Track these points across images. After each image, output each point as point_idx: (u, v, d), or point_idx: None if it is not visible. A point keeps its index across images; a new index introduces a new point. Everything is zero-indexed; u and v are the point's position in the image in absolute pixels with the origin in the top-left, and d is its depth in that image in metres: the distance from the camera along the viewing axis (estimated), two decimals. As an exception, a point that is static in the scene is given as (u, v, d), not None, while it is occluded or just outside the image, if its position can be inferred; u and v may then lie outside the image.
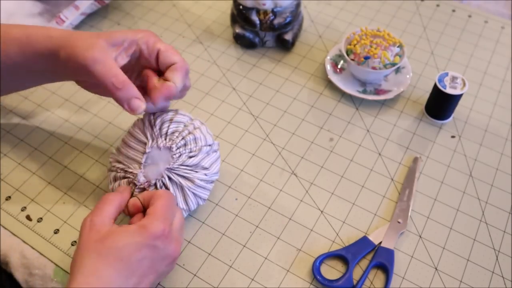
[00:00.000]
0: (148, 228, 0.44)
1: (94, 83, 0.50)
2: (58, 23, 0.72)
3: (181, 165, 0.51)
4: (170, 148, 0.51)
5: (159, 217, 0.45)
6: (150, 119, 0.53)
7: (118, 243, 0.43)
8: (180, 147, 0.51)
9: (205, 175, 0.52)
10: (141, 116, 0.54)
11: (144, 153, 0.51)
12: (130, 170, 0.51)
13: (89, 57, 0.46)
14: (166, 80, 0.50)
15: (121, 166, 0.52)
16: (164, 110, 0.53)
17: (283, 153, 0.63)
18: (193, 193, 0.52)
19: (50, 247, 0.54)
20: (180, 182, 0.51)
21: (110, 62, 0.47)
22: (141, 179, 0.50)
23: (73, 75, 0.52)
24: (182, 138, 0.52)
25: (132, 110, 0.48)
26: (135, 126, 0.54)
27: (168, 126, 0.52)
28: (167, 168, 0.51)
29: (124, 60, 0.50)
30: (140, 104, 0.48)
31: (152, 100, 0.50)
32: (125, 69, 0.50)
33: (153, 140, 0.52)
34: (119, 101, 0.48)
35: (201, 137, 0.52)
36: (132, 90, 0.48)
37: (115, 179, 0.53)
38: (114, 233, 0.43)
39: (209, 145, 0.53)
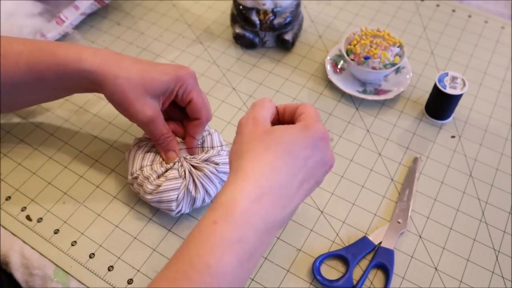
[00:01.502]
0: (311, 127, 0.42)
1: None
2: (58, 23, 0.72)
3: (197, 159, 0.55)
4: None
5: (318, 120, 0.43)
6: None
7: (286, 137, 0.41)
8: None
9: (216, 169, 0.54)
10: None
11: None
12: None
13: (144, 118, 0.51)
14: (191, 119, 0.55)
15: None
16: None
17: (283, 153, 0.63)
18: (201, 183, 0.53)
19: (50, 247, 0.54)
20: (191, 170, 0.54)
21: (160, 121, 0.53)
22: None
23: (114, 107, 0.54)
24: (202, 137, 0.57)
25: (167, 159, 0.55)
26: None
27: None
28: (184, 158, 0.55)
29: (165, 105, 0.54)
30: (174, 156, 0.54)
31: (194, 135, 0.56)
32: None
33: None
34: (158, 148, 0.55)
35: (215, 138, 0.58)
36: (172, 144, 0.54)
37: (148, 151, 0.55)
38: (280, 128, 0.42)
39: (221, 146, 0.58)
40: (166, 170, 0.54)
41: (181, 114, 0.57)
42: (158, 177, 0.53)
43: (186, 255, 0.36)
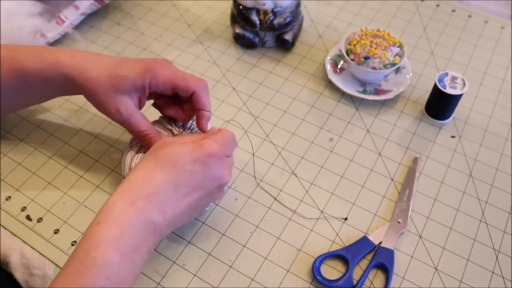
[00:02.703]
0: (204, 145, 0.47)
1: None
2: (58, 23, 0.72)
3: None
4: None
5: (217, 140, 0.49)
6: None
7: (175, 151, 0.46)
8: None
9: None
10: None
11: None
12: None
13: (117, 116, 0.52)
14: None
15: None
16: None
17: (283, 153, 0.63)
18: None
19: (50, 247, 0.54)
20: None
21: (137, 118, 0.53)
22: None
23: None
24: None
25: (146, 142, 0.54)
26: (161, 118, 0.57)
27: (191, 124, 0.57)
28: None
29: (143, 102, 0.55)
30: None
31: (201, 129, 0.55)
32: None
33: (178, 131, 0.56)
34: (143, 145, 0.54)
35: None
36: (153, 140, 0.53)
37: (138, 152, 0.54)
38: (173, 144, 0.47)
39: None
40: None
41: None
42: None
43: (77, 254, 0.41)
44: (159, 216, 0.44)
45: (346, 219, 0.57)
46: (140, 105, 0.54)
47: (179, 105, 0.56)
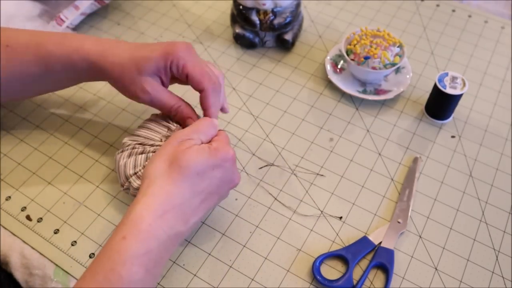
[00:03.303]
0: (220, 150, 0.47)
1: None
2: (58, 23, 0.72)
3: None
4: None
5: (227, 143, 0.49)
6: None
7: (196, 159, 0.45)
8: None
9: None
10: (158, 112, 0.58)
11: (166, 136, 0.54)
12: (151, 143, 0.53)
13: (144, 97, 0.52)
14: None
15: (140, 141, 0.54)
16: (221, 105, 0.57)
17: (283, 153, 0.63)
18: None
19: (50, 247, 0.54)
20: None
21: (164, 96, 0.52)
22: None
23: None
24: None
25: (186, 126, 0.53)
26: (155, 116, 0.57)
27: None
28: None
29: (167, 82, 0.54)
30: (192, 122, 0.53)
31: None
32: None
33: (176, 126, 0.55)
34: (177, 119, 0.54)
35: None
36: (186, 111, 0.53)
37: (129, 155, 0.53)
38: (192, 149, 0.46)
39: None
40: None
41: None
42: None
43: (101, 268, 0.40)
44: (183, 226, 0.45)
45: (341, 218, 0.57)
46: (165, 84, 0.54)
47: None
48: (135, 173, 0.52)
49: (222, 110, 0.57)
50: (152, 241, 0.42)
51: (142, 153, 0.53)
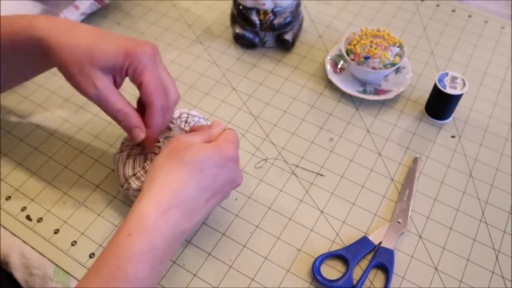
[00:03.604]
0: (223, 148, 0.46)
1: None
2: (58, 23, 0.72)
3: None
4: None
5: (232, 142, 0.48)
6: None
7: (200, 155, 0.44)
8: None
9: None
10: None
11: (166, 137, 0.53)
12: None
13: (93, 95, 0.47)
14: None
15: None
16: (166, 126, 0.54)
17: (283, 153, 0.63)
18: None
19: (50, 247, 0.54)
20: None
21: (112, 96, 0.47)
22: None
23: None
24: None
25: (133, 138, 0.50)
26: None
27: (187, 117, 0.56)
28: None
29: (119, 84, 0.50)
30: (140, 133, 0.50)
31: (149, 145, 0.52)
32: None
33: (174, 126, 0.54)
34: (123, 128, 0.50)
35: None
36: (133, 120, 0.49)
37: (128, 156, 0.53)
38: (196, 146, 0.45)
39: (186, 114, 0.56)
40: None
41: None
42: None
43: (105, 265, 0.40)
44: (188, 224, 0.44)
45: (322, 211, 0.57)
46: (117, 85, 0.49)
47: None
48: (134, 174, 0.52)
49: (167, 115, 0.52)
50: (157, 238, 0.41)
51: (140, 154, 0.53)
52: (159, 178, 0.43)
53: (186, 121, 0.56)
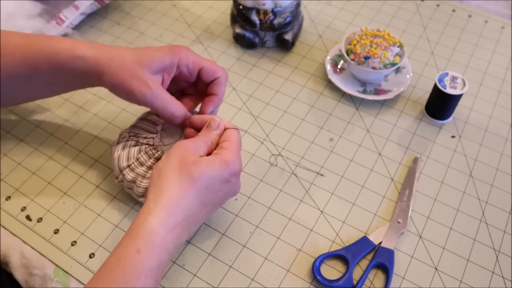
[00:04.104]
0: (230, 164, 0.46)
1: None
2: (58, 23, 0.72)
3: None
4: None
5: (237, 155, 0.48)
6: None
7: (207, 172, 0.45)
8: None
9: None
10: None
11: (163, 129, 0.54)
12: (145, 135, 0.53)
13: (147, 95, 0.49)
14: (210, 92, 0.55)
15: (135, 132, 0.54)
16: None
17: (283, 153, 0.63)
18: None
19: (50, 247, 0.54)
20: None
21: (166, 96, 0.51)
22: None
23: (118, 96, 0.52)
24: None
25: (179, 125, 0.53)
26: (146, 114, 0.57)
27: None
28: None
29: (166, 83, 0.53)
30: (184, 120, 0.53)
31: (204, 112, 0.54)
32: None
33: None
34: (176, 124, 0.53)
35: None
36: (187, 114, 0.52)
37: (123, 148, 0.53)
38: (204, 161, 0.46)
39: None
40: (151, 167, 0.52)
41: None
42: (144, 176, 0.52)
43: (114, 282, 0.40)
44: (187, 235, 0.46)
45: (322, 211, 0.57)
46: (164, 86, 0.52)
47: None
48: (128, 166, 0.52)
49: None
50: (163, 253, 0.43)
51: (135, 145, 0.53)
52: (168, 194, 0.44)
53: None
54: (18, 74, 0.52)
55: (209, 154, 0.48)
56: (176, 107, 0.51)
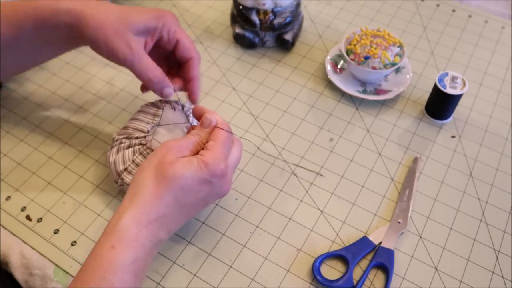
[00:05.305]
0: (210, 165, 0.45)
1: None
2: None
3: None
4: (183, 108, 0.55)
5: (220, 156, 0.47)
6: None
7: (183, 173, 0.45)
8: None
9: None
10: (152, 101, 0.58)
11: (154, 124, 0.54)
12: (136, 135, 0.53)
13: (128, 54, 0.49)
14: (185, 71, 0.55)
15: (127, 134, 0.54)
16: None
17: (283, 153, 0.63)
18: None
19: (50, 247, 0.54)
20: None
21: (146, 59, 0.50)
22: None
23: (98, 52, 0.51)
24: None
25: (164, 96, 0.53)
26: (145, 106, 0.57)
27: (188, 109, 0.56)
28: (186, 125, 0.54)
29: (149, 47, 0.52)
30: (171, 91, 0.53)
31: (193, 102, 0.56)
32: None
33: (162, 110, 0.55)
34: (152, 90, 0.53)
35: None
36: (165, 81, 0.52)
37: (118, 151, 0.53)
38: (180, 162, 0.45)
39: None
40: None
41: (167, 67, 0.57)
42: None
43: (91, 278, 0.41)
44: (165, 235, 0.46)
45: (322, 211, 0.57)
46: (146, 50, 0.52)
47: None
48: (126, 169, 0.52)
49: (192, 99, 0.56)
50: (139, 249, 0.43)
51: (129, 147, 0.53)
52: (143, 192, 0.44)
53: (182, 108, 0.56)
54: (4, 37, 0.50)
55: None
56: (153, 73, 0.51)
